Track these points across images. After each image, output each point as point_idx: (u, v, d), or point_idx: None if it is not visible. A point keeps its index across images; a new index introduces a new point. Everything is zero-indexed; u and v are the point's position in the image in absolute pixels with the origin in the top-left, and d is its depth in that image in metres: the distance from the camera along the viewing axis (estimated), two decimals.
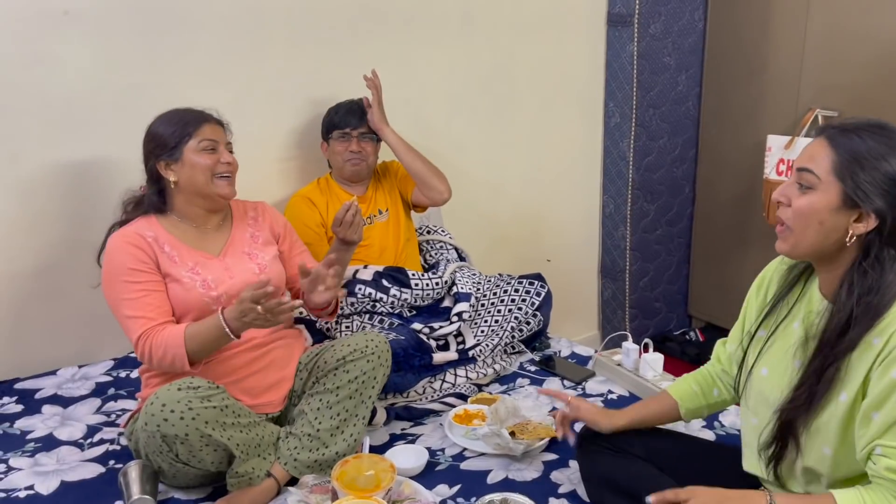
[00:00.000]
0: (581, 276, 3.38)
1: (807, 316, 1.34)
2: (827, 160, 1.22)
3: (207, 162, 1.76)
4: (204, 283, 1.76)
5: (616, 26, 3.03)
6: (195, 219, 1.83)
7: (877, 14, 2.64)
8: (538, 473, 1.74)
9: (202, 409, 1.54)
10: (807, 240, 1.25)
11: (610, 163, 3.23)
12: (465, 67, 2.74)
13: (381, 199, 2.43)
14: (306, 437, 1.72)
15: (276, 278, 1.85)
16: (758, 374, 1.39)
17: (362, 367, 1.77)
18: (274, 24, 2.30)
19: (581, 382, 2.16)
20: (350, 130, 2.29)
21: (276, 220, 1.99)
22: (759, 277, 1.50)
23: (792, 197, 1.25)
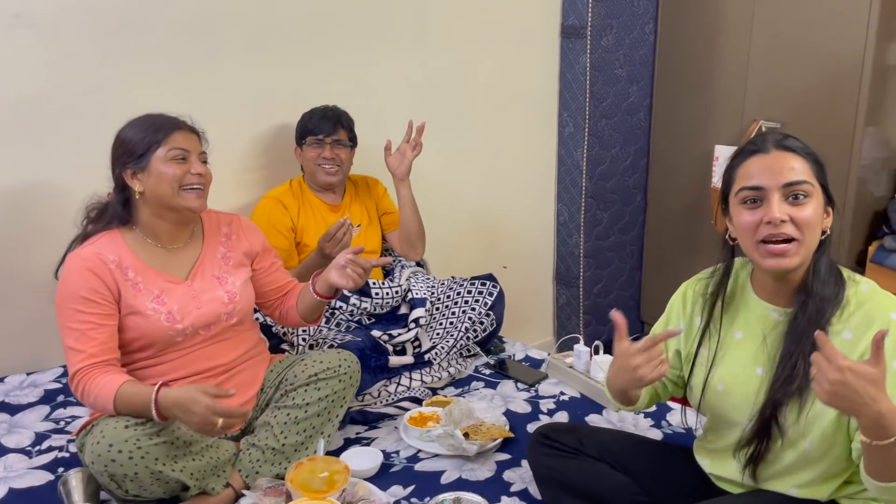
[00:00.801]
0: (537, 283, 3.43)
1: (749, 324, 1.38)
2: (805, 167, 1.28)
3: (176, 172, 1.66)
4: (169, 316, 1.67)
5: (569, 38, 3.11)
6: (162, 234, 1.72)
7: (815, 31, 2.76)
8: (491, 473, 1.77)
9: (151, 446, 1.50)
10: (812, 246, 1.29)
11: (564, 171, 3.29)
12: (421, 76, 2.78)
13: (355, 214, 2.41)
14: (270, 451, 1.71)
15: (244, 307, 1.80)
16: (713, 389, 1.42)
17: (333, 387, 1.77)
18: (230, 30, 2.30)
19: (534, 384, 2.20)
20: (324, 137, 2.28)
21: (253, 238, 1.89)
22: (678, 301, 1.53)
23: (790, 213, 1.26)
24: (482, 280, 2.42)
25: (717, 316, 1.43)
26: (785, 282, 1.33)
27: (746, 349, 1.39)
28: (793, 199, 1.27)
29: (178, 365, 1.72)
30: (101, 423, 1.55)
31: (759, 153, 1.31)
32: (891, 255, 2.74)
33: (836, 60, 2.71)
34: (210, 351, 1.75)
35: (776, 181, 1.27)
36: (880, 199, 2.91)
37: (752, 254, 1.32)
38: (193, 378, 1.72)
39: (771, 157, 1.29)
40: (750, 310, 1.40)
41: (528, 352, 2.44)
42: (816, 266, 1.29)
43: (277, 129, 2.46)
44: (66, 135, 2.09)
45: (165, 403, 1.50)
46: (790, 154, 1.29)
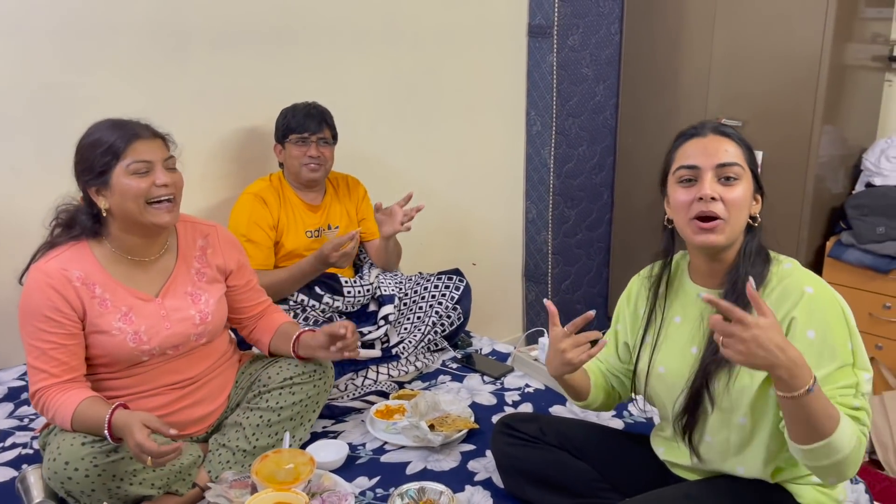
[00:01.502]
0: (506, 280, 3.47)
1: (686, 308, 1.45)
2: (738, 152, 1.37)
3: (140, 186, 1.55)
4: (135, 337, 1.61)
5: (536, 37, 3.15)
6: (132, 249, 1.64)
7: (774, 32, 2.83)
8: (456, 463, 1.79)
9: (108, 464, 1.48)
10: (738, 226, 1.36)
11: (532, 169, 3.33)
12: (389, 75, 2.80)
13: (335, 215, 2.39)
14: (241, 453, 1.71)
15: (215, 327, 1.74)
16: (656, 373, 1.49)
17: (308, 391, 1.77)
18: (196, 28, 2.30)
19: (500, 377, 2.23)
20: (309, 135, 2.25)
21: (229, 253, 1.80)
22: (625, 295, 1.61)
23: (721, 193, 1.33)
24: (449, 275, 2.45)
25: (661, 301, 1.49)
26: (717, 262, 1.40)
27: (684, 332, 1.45)
28: (724, 180, 1.34)
29: (145, 379, 1.68)
30: (57, 437, 1.52)
31: (696, 136, 1.40)
32: (847, 249, 2.82)
33: (795, 61, 2.78)
34: (177, 365, 1.71)
35: (710, 161, 1.35)
36: (838, 196, 2.99)
37: (685, 230, 1.39)
38: (161, 390, 1.68)
39: (707, 139, 1.38)
40: (686, 294, 1.47)
41: (495, 346, 2.47)
42: (746, 249, 1.37)
43: (245, 128, 2.46)
44: (28, 132, 2.07)
45: (117, 424, 1.47)
46: (725, 138, 1.38)
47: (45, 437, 1.65)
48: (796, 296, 1.30)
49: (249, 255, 2.17)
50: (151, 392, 1.68)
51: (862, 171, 2.99)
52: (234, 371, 1.86)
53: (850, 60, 2.83)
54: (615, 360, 1.62)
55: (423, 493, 1.60)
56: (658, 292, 1.50)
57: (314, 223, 2.34)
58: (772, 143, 2.89)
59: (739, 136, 1.40)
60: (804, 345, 1.25)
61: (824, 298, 1.30)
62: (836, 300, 1.30)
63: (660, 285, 1.50)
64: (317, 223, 2.35)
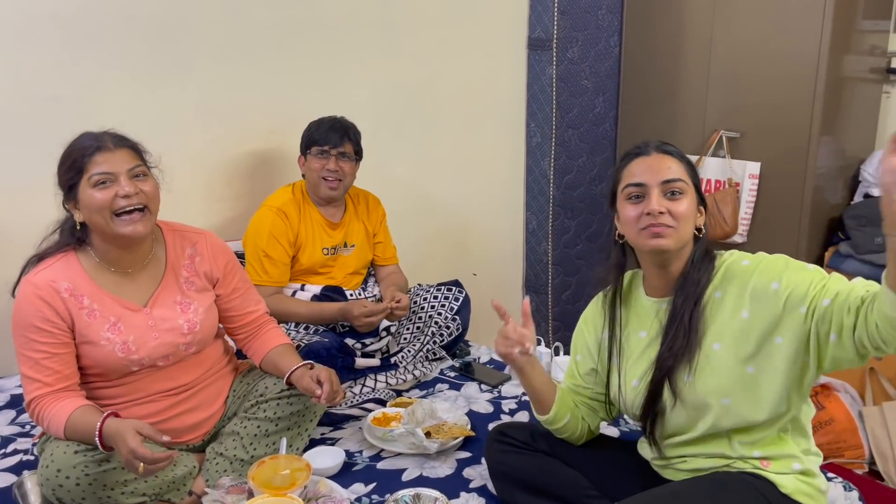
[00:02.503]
0: (506, 290, 3.48)
1: (646, 322, 1.52)
2: (681, 169, 1.46)
3: (103, 198, 1.55)
4: (124, 347, 1.61)
5: (536, 50, 3.18)
6: (115, 261, 1.64)
7: (771, 45, 2.85)
8: (451, 470, 1.80)
9: (100, 473, 1.50)
10: (686, 235, 1.44)
11: (532, 180, 3.35)
12: (391, 85, 2.83)
13: (352, 233, 2.38)
14: (238, 462, 1.72)
15: (204, 336, 1.74)
16: (630, 387, 1.53)
17: (305, 402, 1.78)
18: (198, 40, 2.34)
19: (497, 386, 2.24)
20: (329, 148, 2.24)
21: (217, 260, 1.79)
22: (581, 321, 1.68)
23: (667, 206, 1.42)
24: (448, 286, 2.47)
25: (620, 316, 1.55)
26: (668, 272, 1.47)
27: (647, 343, 1.51)
28: (670, 195, 1.43)
29: (137, 387, 1.69)
30: (51, 445, 1.54)
31: (641, 155, 1.48)
32: (846, 260, 2.82)
33: (792, 72, 2.80)
34: (169, 373, 1.71)
35: (656, 178, 1.43)
36: (836, 207, 3.00)
37: (636, 241, 1.46)
38: (154, 397, 1.69)
39: (652, 158, 1.46)
40: (644, 309, 1.53)
41: (493, 355, 2.49)
42: (694, 257, 1.46)
43: (247, 138, 2.50)
44: (30, 142, 2.10)
45: (108, 433, 1.48)
46: (668, 156, 1.46)
47: (43, 444, 1.66)
48: (740, 271, 1.40)
49: (266, 270, 2.21)
50: (145, 399, 1.69)
51: (860, 182, 3.00)
52: (229, 379, 1.87)
53: (847, 72, 2.85)
54: (581, 385, 1.65)
55: (419, 500, 1.61)
56: (614, 314, 1.56)
57: (332, 241, 2.34)
58: (770, 154, 2.91)
59: (681, 154, 1.49)
60: (778, 297, 1.33)
61: (762, 259, 1.40)
62: (772, 256, 1.40)
63: (614, 307, 1.56)
64: (334, 241, 2.34)
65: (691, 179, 1.46)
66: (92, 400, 1.64)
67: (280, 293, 2.26)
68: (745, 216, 2.98)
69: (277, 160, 2.53)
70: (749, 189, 2.97)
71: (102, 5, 2.15)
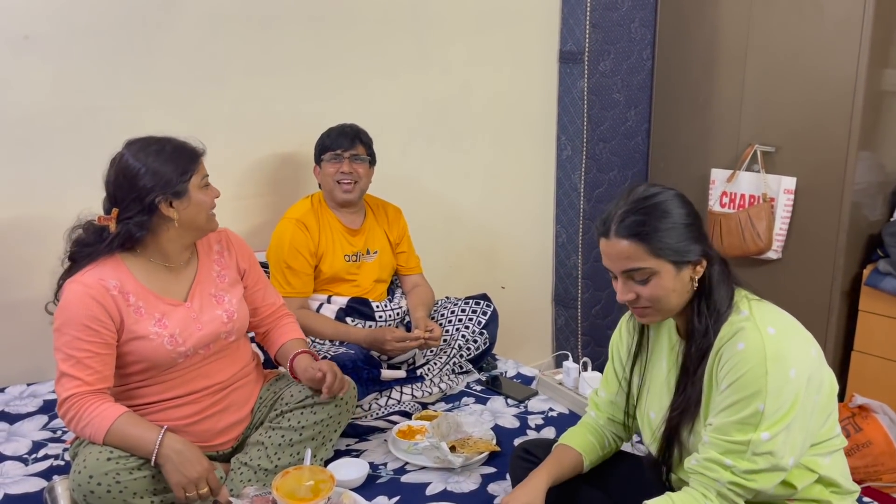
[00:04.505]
0: (535, 304, 3.46)
1: (669, 354, 1.47)
2: (640, 252, 1.32)
3: (208, 199, 1.71)
4: (171, 339, 1.67)
5: (567, 63, 3.17)
6: (172, 256, 1.72)
7: (809, 57, 2.80)
8: (476, 485, 1.79)
9: (131, 481, 1.52)
10: (671, 306, 1.38)
11: (562, 194, 3.33)
12: (421, 98, 2.84)
13: (374, 239, 2.39)
14: (262, 472, 1.73)
15: (241, 325, 1.81)
16: (647, 418, 1.50)
17: (329, 411, 1.79)
18: (233, 53, 2.37)
19: (524, 401, 2.22)
20: (341, 152, 2.26)
21: (242, 252, 1.89)
22: (616, 334, 1.62)
23: (637, 291, 1.35)
24: (476, 300, 2.46)
25: (645, 344, 1.52)
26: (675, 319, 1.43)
27: (668, 379, 1.47)
28: (638, 281, 1.34)
29: (175, 385, 1.72)
30: (84, 450, 1.56)
31: (604, 237, 1.37)
32: (885, 278, 2.75)
33: (830, 86, 2.75)
34: (206, 370, 1.76)
35: (616, 267, 1.36)
36: (875, 223, 2.93)
37: None
38: (191, 398, 1.73)
39: (610, 243, 1.35)
40: (669, 342, 1.49)
41: (520, 369, 2.47)
42: (698, 309, 1.37)
43: (278, 151, 2.52)
44: (71, 152, 2.15)
45: (168, 449, 1.54)
46: (622, 241, 1.33)
47: (76, 448, 1.69)
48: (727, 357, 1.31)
49: (288, 281, 2.23)
50: (181, 400, 1.72)
51: None
52: (258, 385, 1.90)
53: (887, 86, 2.79)
54: (617, 396, 1.60)
55: None
56: (643, 334, 1.52)
57: (353, 247, 2.34)
58: (806, 169, 2.85)
59: (635, 230, 1.31)
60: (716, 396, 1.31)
61: (749, 356, 1.27)
62: (762, 358, 1.26)
63: (644, 327, 1.52)
64: (356, 247, 2.35)
65: (657, 255, 1.31)
66: (127, 402, 1.67)
67: (306, 307, 2.27)
68: (780, 232, 2.92)
69: (306, 171, 2.55)
70: (784, 204, 2.91)
71: (139, 19, 2.19)
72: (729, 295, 1.37)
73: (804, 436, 1.30)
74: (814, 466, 1.35)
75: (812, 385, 1.29)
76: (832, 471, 1.37)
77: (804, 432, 1.29)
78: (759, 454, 1.25)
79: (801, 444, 1.29)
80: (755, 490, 1.28)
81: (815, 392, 1.30)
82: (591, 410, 1.66)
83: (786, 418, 1.25)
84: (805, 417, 1.28)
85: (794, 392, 1.26)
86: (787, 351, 1.28)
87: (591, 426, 1.63)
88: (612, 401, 1.62)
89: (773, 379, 1.25)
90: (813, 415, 1.30)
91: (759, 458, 1.25)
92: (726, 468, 1.27)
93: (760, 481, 1.27)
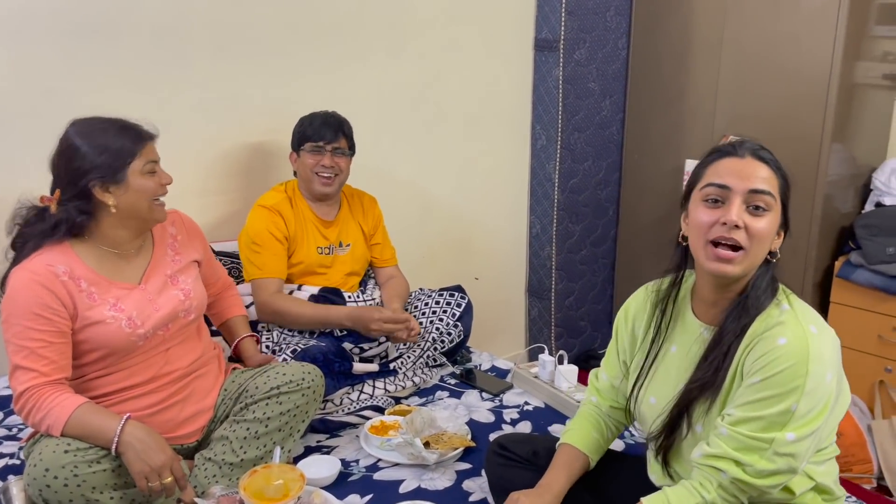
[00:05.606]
0: (509, 295, 3.43)
1: (683, 340, 1.39)
2: (773, 181, 1.28)
3: (151, 186, 1.62)
4: (129, 322, 1.61)
5: (542, 51, 3.13)
6: (120, 243, 1.65)
7: (783, 49, 2.80)
8: (450, 482, 1.75)
9: (90, 474, 1.45)
10: (757, 260, 1.29)
11: (537, 184, 3.30)
12: (394, 86, 2.78)
13: (347, 231, 2.32)
14: (227, 466, 1.67)
15: (199, 303, 1.77)
16: (647, 402, 1.44)
17: (296, 401, 1.73)
18: (197, 36, 2.28)
19: (499, 394, 2.19)
20: (324, 144, 2.18)
21: (192, 232, 1.85)
22: (623, 309, 1.54)
23: (748, 222, 1.25)
24: (451, 291, 2.41)
25: (664, 326, 1.43)
26: (723, 292, 1.32)
27: (678, 364, 1.40)
28: (753, 208, 1.26)
29: (134, 372, 1.66)
30: (40, 444, 1.49)
31: (733, 156, 1.30)
32: (857, 270, 2.77)
33: (804, 78, 2.75)
34: (167, 356, 1.71)
35: (743, 185, 1.26)
36: (847, 216, 2.94)
37: (698, 253, 1.31)
38: (151, 387, 1.67)
39: (744, 161, 1.29)
40: (685, 324, 1.41)
41: (495, 362, 2.43)
42: (756, 284, 1.30)
43: (247, 137, 2.44)
44: (26, 136, 2.05)
45: (130, 436, 1.48)
46: (763, 164, 1.29)
47: (30, 447, 1.61)
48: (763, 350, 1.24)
49: (264, 263, 2.16)
50: (142, 390, 1.66)
51: (872, 191, 2.94)
52: (221, 376, 1.85)
53: (859, 79, 2.80)
54: (620, 382, 1.54)
55: None
56: (664, 315, 1.43)
57: (326, 240, 2.28)
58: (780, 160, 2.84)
59: (778, 166, 1.30)
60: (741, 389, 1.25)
61: (791, 353, 1.21)
62: (805, 356, 1.20)
63: (667, 307, 1.43)
64: (329, 240, 2.29)
65: (781, 197, 1.28)
66: (86, 394, 1.60)
67: (281, 291, 2.20)
68: None
69: (276, 159, 2.48)
70: None
71: None
72: (775, 286, 1.32)
73: (818, 442, 1.27)
74: (812, 473, 1.32)
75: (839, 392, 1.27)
76: (826, 478, 1.35)
77: (818, 439, 1.26)
78: (781, 454, 1.20)
79: (814, 449, 1.26)
80: (762, 490, 1.23)
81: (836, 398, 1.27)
82: (591, 395, 1.59)
83: (815, 422, 1.21)
84: (826, 424, 1.24)
85: (826, 396, 1.22)
86: (827, 353, 1.23)
87: (593, 417, 1.57)
88: (614, 385, 1.55)
89: (812, 379, 1.19)
90: (829, 422, 1.27)
91: (778, 459, 1.21)
92: (738, 465, 1.22)
93: (772, 482, 1.22)
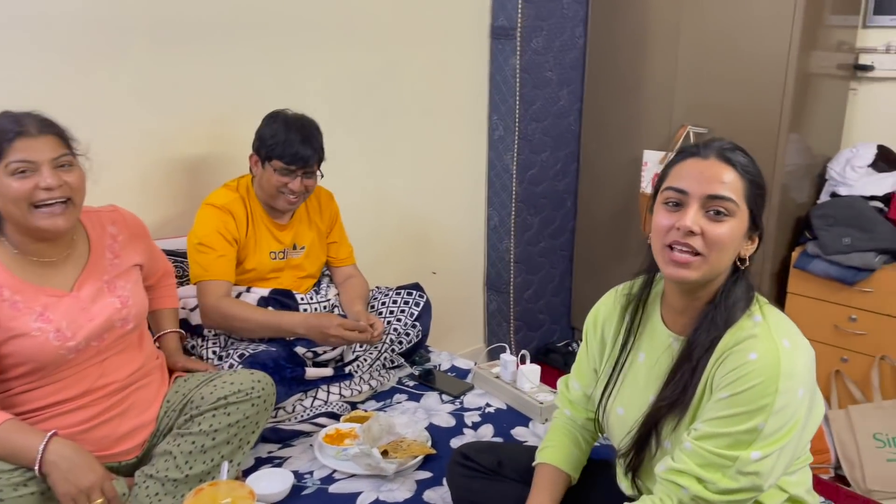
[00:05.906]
0: (467, 289, 3.36)
1: (652, 348, 1.33)
2: (736, 185, 1.20)
3: (21, 188, 1.42)
4: (58, 334, 1.49)
5: (499, 39, 3.05)
6: (35, 251, 1.52)
7: (740, 38, 2.77)
8: (410, 493, 1.67)
9: (15, 498, 1.34)
10: (718, 267, 1.21)
11: (494, 175, 3.23)
12: (346, 76, 2.67)
13: (302, 234, 2.18)
14: (171, 483, 1.55)
15: (138, 310, 1.64)
16: (615, 412, 1.38)
17: (245, 411, 1.61)
18: (135, 23, 2.13)
19: (459, 396, 2.12)
20: (296, 169, 2.01)
21: (136, 230, 1.73)
22: (592, 314, 1.47)
23: (705, 228, 1.19)
24: (408, 290, 2.32)
25: (634, 329, 1.37)
26: (691, 299, 1.26)
27: (646, 373, 1.34)
28: (713, 213, 1.19)
29: (66, 385, 1.54)
30: None
31: (697, 157, 1.23)
32: (813, 260, 2.77)
33: (762, 67, 2.73)
34: (102, 367, 1.58)
35: (701, 189, 1.19)
36: (803, 206, 2.95)
37: (657, 256, 1.25)
38: (85, 401, 1.55)
39: (707, 163, 1.21)
40: (655, 334, 1.35)
41: (455, 361, 2.36)
42: (725, 293, 1.23)
43: (191, 130, 2.30)
44: None
45: (55, 455, 1.37)
46: (727, 167, 1.21)
47: None
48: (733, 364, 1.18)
49: (211, 265, 2.02)
50: (74, 404, 1.54)
51: (827, 181, 2.95)
52: (164, 387, 1.73)
53: (815, 68, 2.79)
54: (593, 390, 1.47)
55: None
56: (634, 320, 1.36)
57: (280, 244, 2.15)
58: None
59: (748, 168, 1.22)
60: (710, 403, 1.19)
61: (761, 369, 1.15)
62: (776, 374, 1.14)
63: (637, 312, 1.36)
64: (283, 244, 2.16)
65: (748, 202, 1.20)
66: (13, 409, 1.47)
67: (230, 295, 2.08)
68: None
69: (221, 153, 2.35)
70: None
71: None
72: (749, 295, 1.24)
73: (790, 458, 1.22)
74: (785, 486, 1.28)
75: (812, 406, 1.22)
76: (799, 488, 1.31)
77: (791, 455, 1.21)
78: (744, 473, 1.16)
79: (784, 466, 1.21)
80: None
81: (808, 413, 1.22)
82: (564, 408, 1.52)
83: (782, 440, 1.16)
84: (797, 440, 1.20)
85: (796, 413, 1.17)
86: (798, 369, 1.17)
87: (569, 432, 1.50)
88: (587, 394, 1.48)
89: (782, 397, 1.14)
90: (802, 437, 1.23)
91: (741, 477, 1.16)
92: (700, 482, 1.17)
93: (734, 499, 1.17)
